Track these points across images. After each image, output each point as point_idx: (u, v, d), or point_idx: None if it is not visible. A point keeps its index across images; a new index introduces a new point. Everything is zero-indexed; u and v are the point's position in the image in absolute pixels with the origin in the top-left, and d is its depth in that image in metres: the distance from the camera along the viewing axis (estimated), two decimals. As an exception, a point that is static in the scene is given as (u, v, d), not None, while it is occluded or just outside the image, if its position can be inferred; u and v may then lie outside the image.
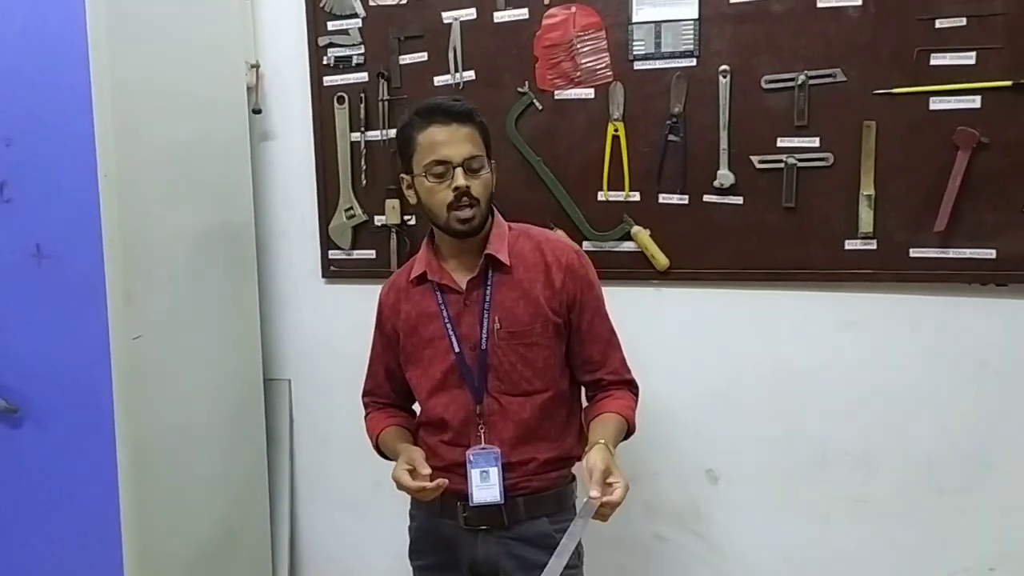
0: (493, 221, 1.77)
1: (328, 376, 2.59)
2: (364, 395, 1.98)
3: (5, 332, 2.02)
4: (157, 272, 2.08)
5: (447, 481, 1.64)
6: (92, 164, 1.91)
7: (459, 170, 1.65)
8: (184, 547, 2.20)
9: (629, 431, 1.77)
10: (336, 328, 2.56)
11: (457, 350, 1.73)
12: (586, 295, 1.76)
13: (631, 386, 1.83)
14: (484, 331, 1.71)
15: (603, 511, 1.51)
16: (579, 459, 1.78)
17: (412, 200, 1.76)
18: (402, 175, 1.78)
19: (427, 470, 1.63)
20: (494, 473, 1.69)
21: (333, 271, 2.52)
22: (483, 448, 1.71)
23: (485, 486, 1.69)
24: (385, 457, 1.89)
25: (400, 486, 1.64)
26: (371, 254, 2.45)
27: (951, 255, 1.98)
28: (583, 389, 1.86)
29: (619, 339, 1.84)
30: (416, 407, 1.92)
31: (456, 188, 1.65)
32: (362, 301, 2.49)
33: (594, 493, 1.50)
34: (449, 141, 1.66)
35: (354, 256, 2.48)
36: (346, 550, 2.65)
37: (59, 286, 1.97)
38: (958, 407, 2.05)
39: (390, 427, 1.87)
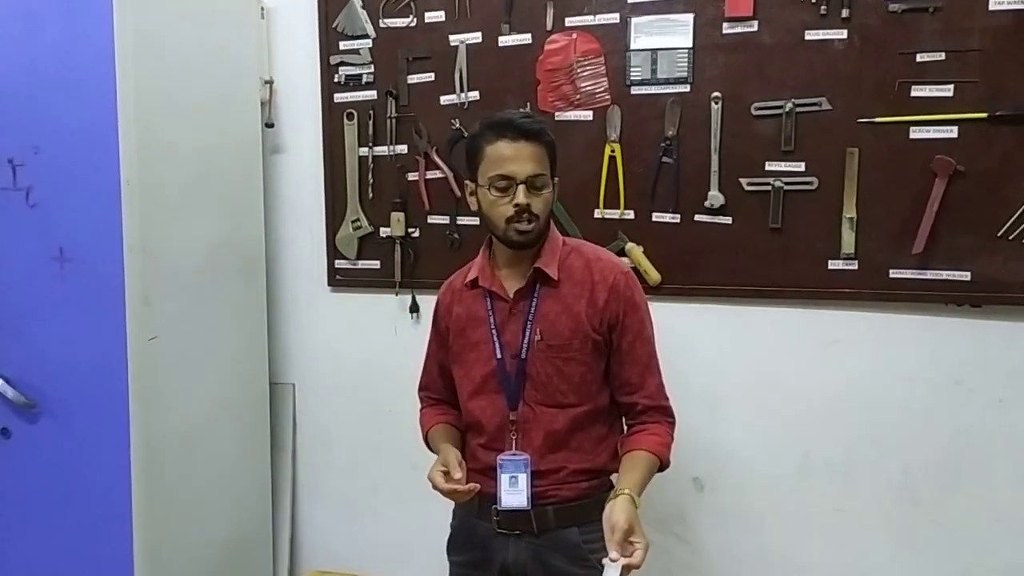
0: (548, 235, 1.80)
1: (332, 381, 2.68)
2: (420, 390, 2.02)
3: (27, 330, 2.11)
4: (173, 276, 2.17)
5: (479, 486, 1.67)
6: (115, 171, 2.00)
7: (522, 187, 1.68)
8: (191, 544, 2.28)
9: (662, 466, 1.76)
10: (340, 335, 2.65)
11: (499, 356, 1.77)
12: (629, 317, 1.77)
13: (666, 414, 1.82)
14: (525, 341, 1.75)
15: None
16: (613, 473, 1.79)
17: (473, 207, 1.79)
18: (467, 181, 1.82)
19: (459, 474, 1.66)
20: (523, 479, 1.72)
21: (339, 280, 2.61)
22: (514, 454, 1.75)
23: (513, 491, 1.72)
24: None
25: (434, 486, 1.68)
26: (376, 264, 2.55)
27: (928, 276, 2.08)
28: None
29: (659, 365, 1.83)
30: None
31: (517, 205, 1.68)
32: (366, 309, 2.61)
33: (613, 555, 1.50)
34: (516, 158, 1.69)
35: (359, 266, 2.57)
36: (345, 552, 2.72)
37: (80, 288, 2.06)
38: (934, 422, 2.14)
39: (439, 425, 1.91)
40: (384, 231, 2.52)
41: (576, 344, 1.74)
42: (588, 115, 2.30)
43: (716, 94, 2.18)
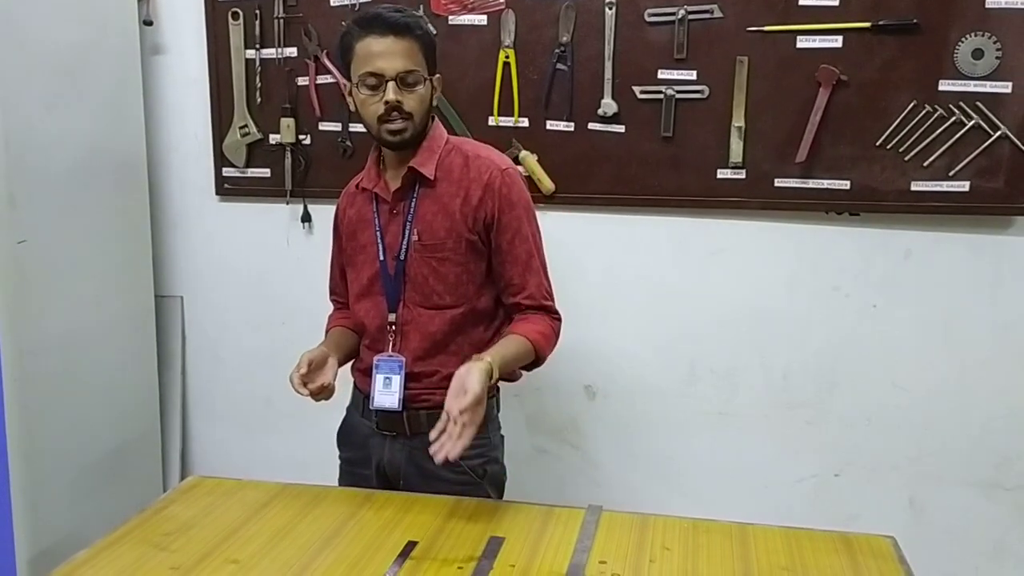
0: (430, 134, 1.75)
1: (221, 294, 2.62)
2: (330, 293, 1.98)
3: None
4: (42, 176, 2.06)
5: (331, 388, 1.69)
6: (-29, 64, 1.88)
7: (391, 84, 1.63)
8: (72, 459, 2.21)
9: (538, 359, 1.73)
10: (230, 246, 2.58)
11: (381, 258, 1.76)
12: (506, 215, 1.72)
13: (549, 312, 1.77)
14: (404, 242, 1.73)
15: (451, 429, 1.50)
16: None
17: (353, 108, 1.73)
18: (343, 82, 1.77)
19: (299, 372, 1.65)
20: (396, 381, 1.72)
21: (227, 189, 2.53)
22: (389, 356, 1.74)
23: (386, 392, 1.73)
24: None
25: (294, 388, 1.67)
26: (266, 172, 2.47)
27: (811, 185, 2.14)
28: None
29: (544, 264, 1.78)
30: None
31: (387, 102, 1.63)
32: (256, 219, 2.54)
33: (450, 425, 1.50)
34: (384, 53, 1.62)
35: (248, 174, 2.49)
36: (238, 466, 2.68)
37: (-62, 187, 1.94)
38: (812, 327, 2.23)
39: (335, 328, 1.89)
40: (274, 138, 2.44)
41: (450, 244, 1.71)
42: (482, 19, 2.25)
43: (610, -1, 2.16)
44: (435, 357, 1.75)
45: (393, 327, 1.75)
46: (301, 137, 2.42)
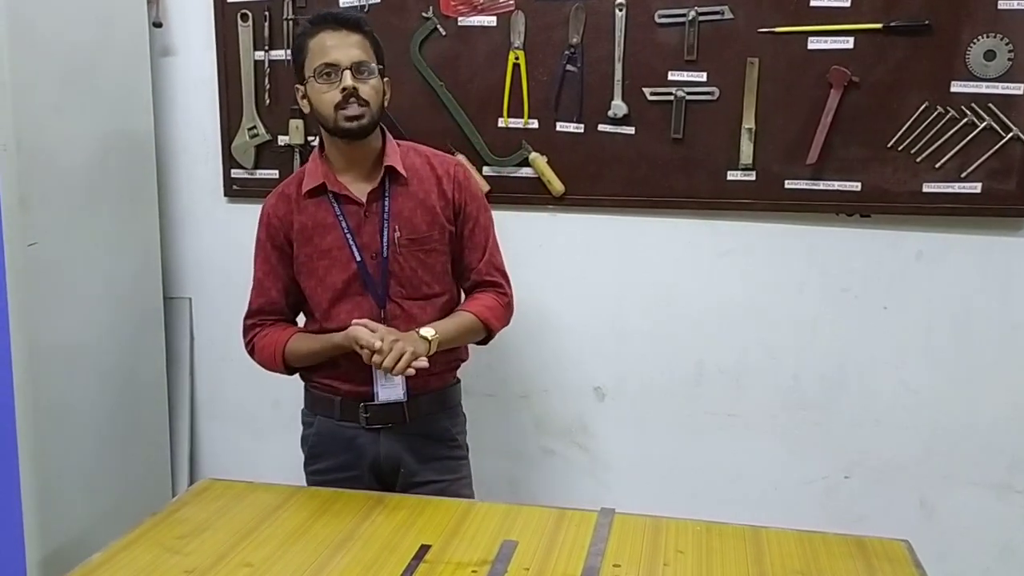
0: (385, 137, 1.83)
1: (229, 295, 2.58)
2: (249, 316, 1.94)
3: None
4: (53, 178, 2.06)
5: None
6: (-16, 66, 1.88)
7: (347, 72, 1.70)
8: (81, 461, 2.21)
9: (489, 334, 1.87)
10: (238, 247, 2.53)
11: (359, 259, 1.80)
12: (469, 205, 1.87)
13: (497, 287, 1.90)
14: (385, 240, 1.79)
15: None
16: (463, 361, 1.96)
17: (306, 109, 1.80)
18: (296, 86, 1.82)
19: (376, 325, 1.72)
20: None
21: (235, 190, 2.52)
22: None
23: (389, 385, 1.78)
24: (290, 370, 1.91)
25: (362, 346, 1.68)
26: (274, 174, 2.46)
27: (821, 187, 2.14)
28: None
29: (498, 247, 1.92)
30: (301, 320, 1.96)
31: (344, 88, 1.70)
32: (265, 220, 2.53)
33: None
34: (339, 46, 1.71)
35: (257, 176, 2.49)
36: (245, 467, 2.68)
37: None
38: (821, 329, 2.23)
39: (294, 335, 1.88)
40: (282, 139, 2.44)
41: (436, 235, 1.82)
42: (492, 20, 2.25)
43: (620, 1, 2.15)
44: None
45: (384, 323, 1.77)
46: (310, 138, 2.42)
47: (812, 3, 2.06)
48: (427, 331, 1.74)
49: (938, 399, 2.19)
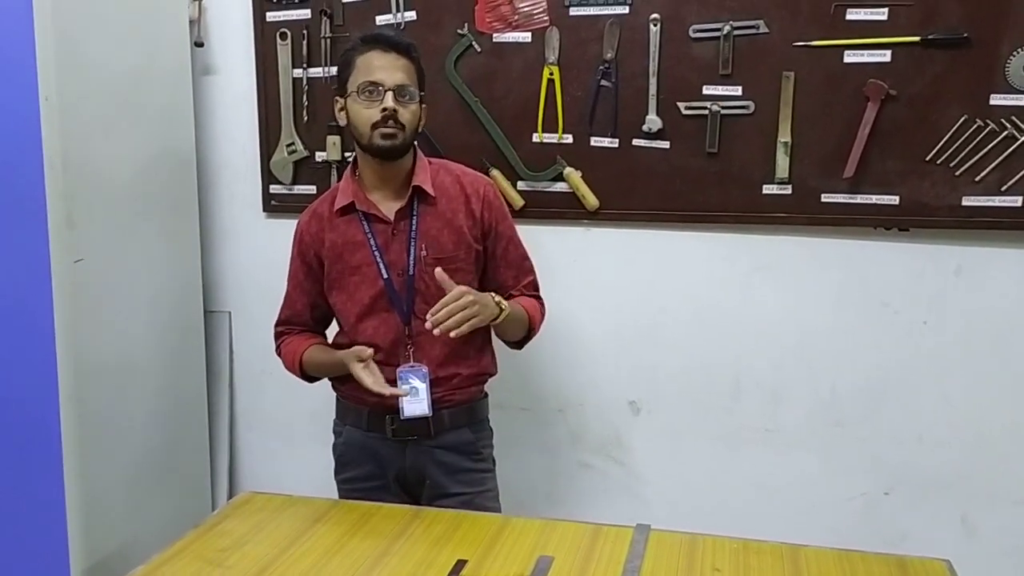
0: (416, 156, 1.87)
1: (268, 309, 2.61)
2: (279, 324, 2.05)
3: (-57, 254, 2.03)
4: (98, 196, 2.11)
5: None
6: (33, 88, 1.92)
7: (390, 93, 1.75)
8: (124, 473, 2.25)
9: (531, 331, 1.92)
10: (276, 262, 2.56)
11: (386, 276, 1.84)
12: (501, 224, 1.90)
13: (536, 296, 1.98)
14: (412, 258, 1.83)
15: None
16: (492, 375, 1.98)
17: (342, 122, 1.85)
18: (336, 97, 1.86)
19: (370, 351, 1.79)
20: (423, 388, 1.82)
21: (274, 205, 2.56)
22: (412, 365, 1.83)
23: (415, 400, 1.81)
24: (306, 377, 2.00)
25: (359, 380, 1.77)
26: (312, 189, 2.50)
27: (859, 200, 2.12)
28: None
29: (532, 264, 1.97)
30: (330, 334, 2.02)
31: (384, 109, 1.74)
32: (303, 235, 2.56)
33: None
34: (385, 67, 1.76)
35: (295, 191, 2.53)
36: (283, 478, 2.72)
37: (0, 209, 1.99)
38: (860, 344, 2.20)
39: (313, 345, 1.97)
40: (320, 155, 2.47)
41: (461, 255, 1.85)
42: (527, 36, 2.27)
43: (655, 16, 2.16)
44: (452, 361, 1.86)
45: (409, 339, 1.83)
46: (347, 155, 2.45)
47: (848, 16, 2.05)
48: (503, 302, 1.80)
49: (980, 415, 2.16)
